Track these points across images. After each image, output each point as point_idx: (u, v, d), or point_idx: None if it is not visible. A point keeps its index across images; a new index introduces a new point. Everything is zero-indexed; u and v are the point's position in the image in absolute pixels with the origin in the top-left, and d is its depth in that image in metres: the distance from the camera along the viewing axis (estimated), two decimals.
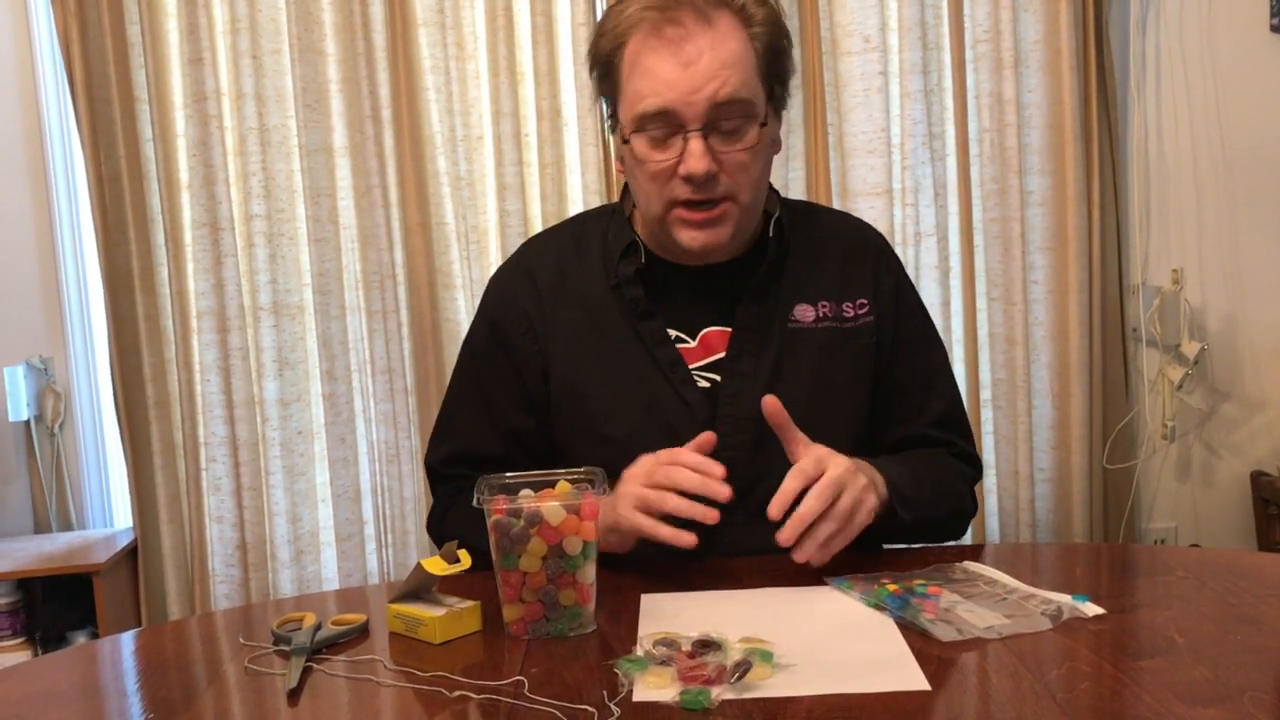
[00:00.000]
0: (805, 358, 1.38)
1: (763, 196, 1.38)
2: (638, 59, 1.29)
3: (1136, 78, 2.65)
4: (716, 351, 1.37)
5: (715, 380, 1.36)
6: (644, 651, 0.98)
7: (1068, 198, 2.53)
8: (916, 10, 2.53)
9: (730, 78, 1.26)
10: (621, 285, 1.38)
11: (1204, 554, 1.36)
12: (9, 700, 1.02)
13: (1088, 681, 0.92)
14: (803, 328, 1.39)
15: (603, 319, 1.39)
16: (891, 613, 1.08)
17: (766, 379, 1.36)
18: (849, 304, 1.41)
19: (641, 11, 1.29)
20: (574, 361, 1.39)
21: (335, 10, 2.53)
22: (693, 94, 1.26)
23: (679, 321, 1.38)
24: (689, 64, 1.26)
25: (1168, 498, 2.76)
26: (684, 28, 1.27)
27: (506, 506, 1.07)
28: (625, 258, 1.38)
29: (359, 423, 2.62)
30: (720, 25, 1.27)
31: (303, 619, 1.12)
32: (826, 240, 1.45)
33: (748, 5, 1.31)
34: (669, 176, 1.30)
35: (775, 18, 1.33)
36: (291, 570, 2.61)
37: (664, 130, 1.28)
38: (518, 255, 1.50)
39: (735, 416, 1.35)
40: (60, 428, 2.69)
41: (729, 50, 1.27)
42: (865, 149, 2.55)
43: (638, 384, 1.36)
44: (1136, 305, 2.65)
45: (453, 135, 2.57)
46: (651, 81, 1.27)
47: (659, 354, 1.36)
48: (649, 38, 1.28)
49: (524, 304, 1.42)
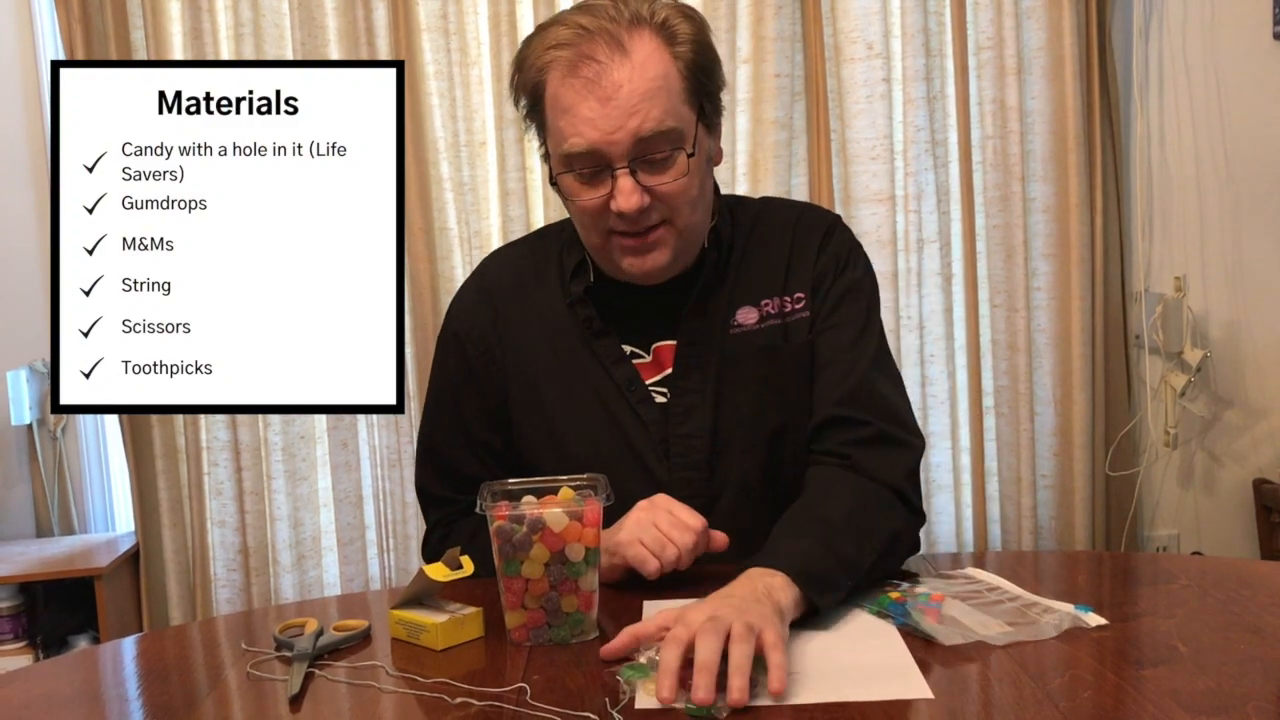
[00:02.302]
0: (747, 363, 1.34)
1: (706, 213, 1.33)
2: (557, 98, 1.25)
3: (1139, 85, 2.65)
4: (667, 367, 1.35)
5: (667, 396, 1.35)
6: (646, 659, 0.98)
7: (1070, 204, 2.54)
8: (919, 17, 2.53)
9: (651, 110, 1.22)
10: (574, 305, 1.36)
11: (1207, 562, 1.36)
12: (10, 705, 1.02)
13: (1090, 690, 0.92)
14: (744, 331, 1.35)
15: (560, 338, 1.37)
16: (894, 620, 1.08)
17: (713, 393, 1.33)
18: (788, 298, 1.36)
19: (554, 51, 1.24)
20: (534, 381, 1.37)
21: (339, 15, 2.54)
22: (614, 132, 1.21)
23: (633, 337, 1.36)
24: (607, 99, 1.21)
25: (1170, 505, 2.76)
26: (597, 63, 1.21)
27: (509, 513, 1.07)
28: (576, 276, 1.37)
29: (361, 427, 2.62)
30: (637, 50, 1.22)
31: (305, 624, 1.12)
32: (772, 236, 1.39)
33: (670, 21, 1.25)
34: (601, 211, 1.27)
35: (700, 34, 1.27)
36: (293, 575, 2.61)
37: (591, 168, 1.25)
38: (478, 273, 1.48)
39: (687, 435, 1.33)
40: (62, 431, 2.69)
41: (647, 79, 1.22)
42: (868, 155, 2.55)
43: (597, 403, 1.35)
44: (1139, 312, 2.65)
45: (456, 140, 2.57)
46: (573, 121, 1.23)
47: (615, 372, 1.34)
48: (566, 76, 1.23)
49: (482, 326, 1.40)
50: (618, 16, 1.23)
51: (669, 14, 1.26)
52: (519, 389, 1.38)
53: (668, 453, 1.33)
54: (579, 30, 1.23)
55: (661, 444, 1.32)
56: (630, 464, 1.33)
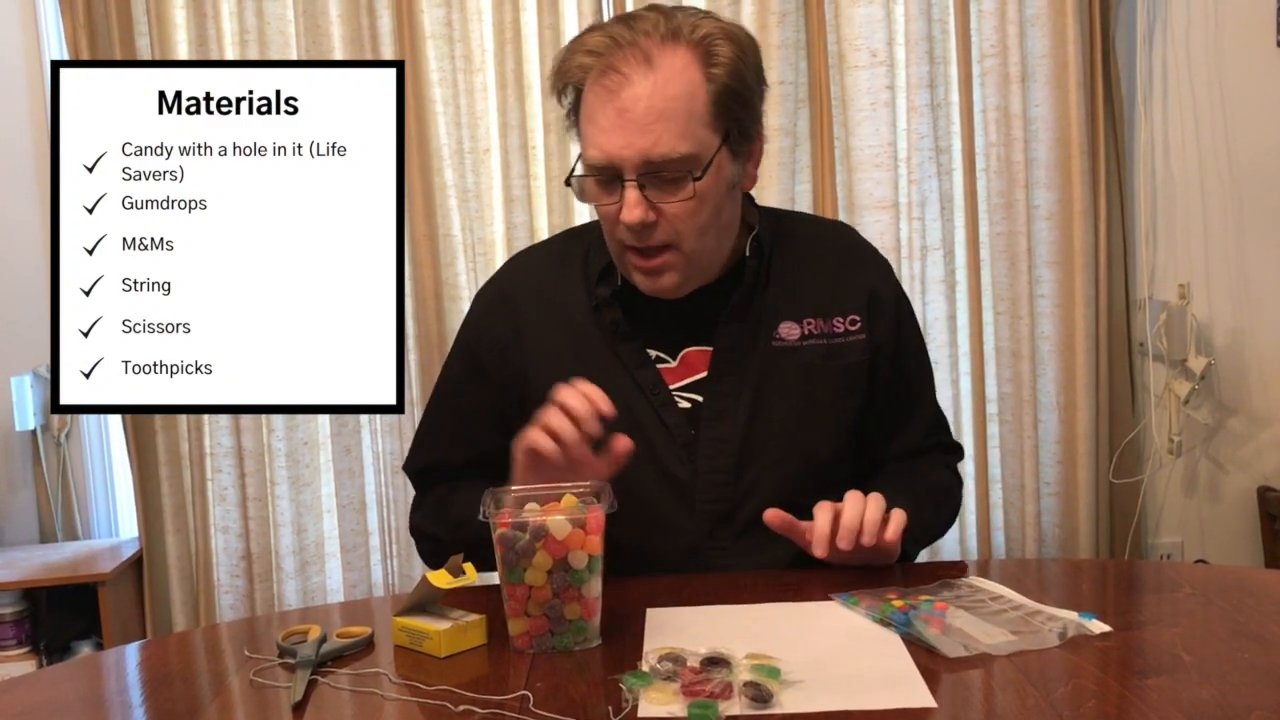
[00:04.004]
0: (789, 376, 1.36)
1: (722, 238, 1.34)
2: (586, 103, 1.27)
3: (1143, 92, 2.65)
4: (698, 371, 1.36)
5: (697, 400, 1.35)
6: (649, 667, 0.98)
7: (1074, 212, 2.54)
8: (924, 25, 2.54)
9: (665, 133, 1.22)
10: (600, 307, 1.37)
11: (1211, 571, 1.36)
12: (13, 711, 1.02)
13: (1094, 699, 0.92)
14: (787, 346, 1.36)
15: (584, 341, 1.38)
16: (898, 629, 1.07)
17: (749, 399, 1.35)
18: (839, 319, 1.39)
19: (587, 58, 1.25)
20: (555, 382, 1.38)
21: (344, 23, 2.55)
22: (625, 148, 1.23)
23: (659, 342, 1.37)
24: (623, 113, 1.22)
25: (1174, 513, 2.75)
26: (622, 74, 1.22)
27: (512, 520, 1.07)
28: (603, 280, 1.37)
29: (364, 434, 2.62)
30: (665, 67, 1.23)
31: (308, 631, 1.12)
32: (814, 252, 1.42)
33: (712, 40, 1.25)
34: (615, 219, 1.28)
35: (741, 59, 1.27)
36: (296, 581, 2.61)
37: (606, 176, 1.27)
38: (500, 276, 1.49)
39: (717, 438, 1.34)
40: (66, 437, 2.69)
41: (667, 97, 1.22)
42: (872, 163, 2.55)
43: (619, 407, 1.34)
44: (1143, 320, 2.65)
45: (460, 147, 2.58)
46: (593, 130, 1.25)
47: (639, 376, 1.35)
48: (594, 83, 1.25)
49: (500, 330, 1.41)
50: (653, 31, 1.24)
51: (712, 33, 1.26)
52: (538, 390, 1.38)
53: (691, 455, 1.34)
54: (612, 41, 1.24)
55: (684, 447, 1.33)
56: (650, 467, 1.34)
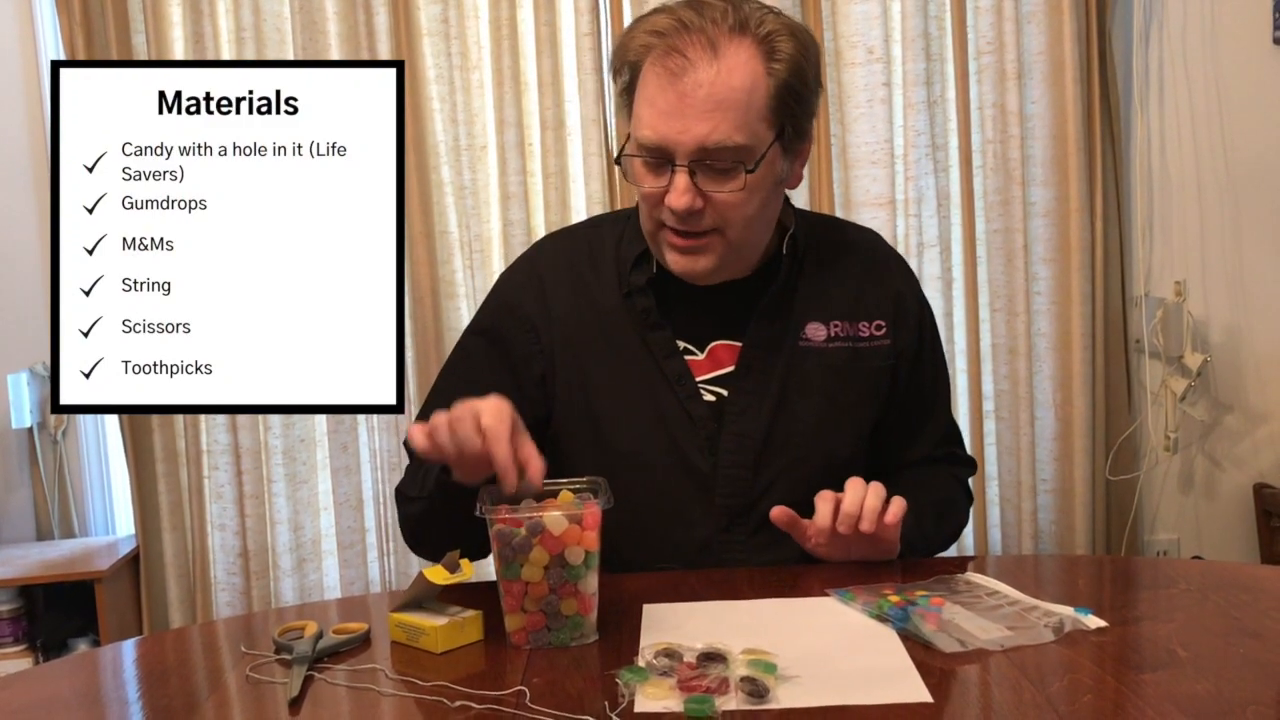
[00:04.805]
0: (814, 377, 1.37)
1: (762, 232, 1.35)
2: (645, 83, 1.27)
3: (1139, 89, 2.65)
4: (724, 365, 1.36)
5: (721, 394, 1.36)
6: (646, 662, 0.98)
7: (1071, 209, 2.54)
8: (920, 22, 2.54)
9: (722, 122, 1.23)
10: (633, 294, 1.37)
11: (1207, 567, 1.36)
12: (10, 708, 1.02)
13: (1090, 694, 0.92)
14: (813, 347, 1.38)
15: (612, 328, 1.38)
16: (894, 624, 1.08)
17: (774, 397, 1.35)
18: (865, 324, 1.40)
19: (651, 37, 1.26)
20: (580, 369, 1.38)
21: (340, 20, 2.54)
22: (682, 133, 1.23)
23: (688, 333, 1.37)
24: (684, 96, 1.22)
25: (1170, 510, 2.76)
26: (685, 59, 1.23)
27: (509, 516, 1.07)
28: (637, 267, 1.38)
29: (361, 431, 2.62)
30: (730, 57, 1.23)
31: (304, 628, 1.12)
32: (843, 256, 1.43)
33: (775, 37, 1.25)
34: (658, 201, 1.28)
35: (802, 57, 1.27)
36: (293, 578, 2.61)
37: (656, 158, 1.27)
38: (530, 255, 1.49)
39: (740, 433, 1.35)
40: (63, 434, 2.69)
41: (730, 87, 1.22)
42: (869, 160, 2.55)
43: (644, 396, 1.36)
44: (1139, 317, 2.65)
45: (457, 144, 2.58)
46: (649, 111, 1.25)
47: (667, 366, 1.36)
48: (655, 64, 1.25)
49: (531, 307, 1.41)
50: (721, 20, 1.24)
51: (776, 30, 1.26)
52: (563, 370, 1.39)
53: (713, 449, 1.34)
54: (678, 24, 1.25)
55: (708, 440, 1.34)
56: (671, 457, 1.34)
